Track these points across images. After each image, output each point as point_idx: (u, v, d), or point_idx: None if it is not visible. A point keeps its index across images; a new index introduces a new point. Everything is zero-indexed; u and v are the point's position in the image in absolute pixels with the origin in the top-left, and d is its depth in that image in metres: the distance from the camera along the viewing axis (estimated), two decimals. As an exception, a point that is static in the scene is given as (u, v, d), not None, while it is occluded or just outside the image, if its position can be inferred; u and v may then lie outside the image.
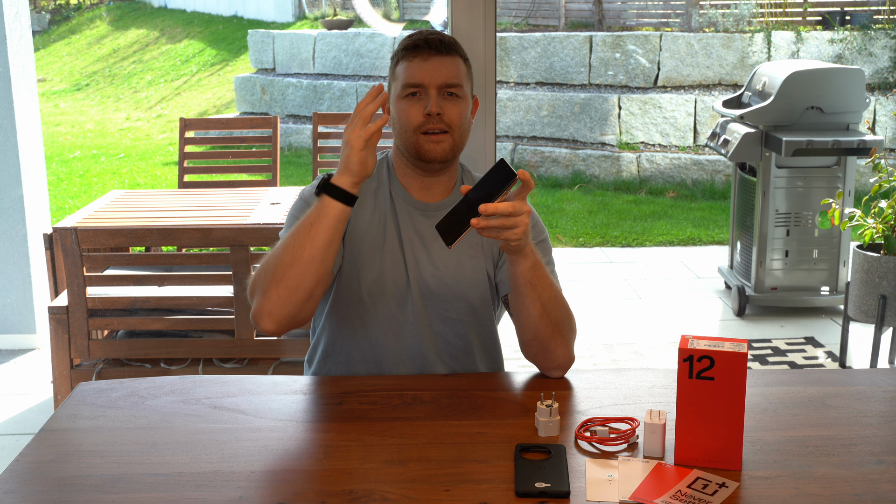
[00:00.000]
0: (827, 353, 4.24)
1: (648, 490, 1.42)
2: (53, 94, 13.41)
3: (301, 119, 9.76)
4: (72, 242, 3.06)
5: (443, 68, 1.84)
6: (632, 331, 4.64)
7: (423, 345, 1.91)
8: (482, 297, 1.92)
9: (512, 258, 1.71)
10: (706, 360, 1.45)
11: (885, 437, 1.59)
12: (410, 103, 1.84)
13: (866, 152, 4.38)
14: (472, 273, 1.90)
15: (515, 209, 1.58)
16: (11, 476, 1.49)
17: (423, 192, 1.92)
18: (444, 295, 1.89)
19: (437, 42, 1.86)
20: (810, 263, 4.69)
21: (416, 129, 1.84)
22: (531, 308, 1.75)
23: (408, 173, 1.92)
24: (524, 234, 1.62)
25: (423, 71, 1.84)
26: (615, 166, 7.88)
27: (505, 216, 1.57)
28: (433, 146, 1.84)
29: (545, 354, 1.81)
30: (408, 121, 1.84)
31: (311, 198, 1.83)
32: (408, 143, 1.86)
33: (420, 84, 1.84)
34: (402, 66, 1.86)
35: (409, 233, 1.90)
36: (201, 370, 3.23)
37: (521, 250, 1.67)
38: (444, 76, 1.84)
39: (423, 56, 1.84)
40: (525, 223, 1.61)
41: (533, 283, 1.73)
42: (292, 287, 1.70)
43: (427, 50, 1.85)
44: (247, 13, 14.42)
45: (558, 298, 1.79)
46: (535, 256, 1.72)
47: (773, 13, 8.66)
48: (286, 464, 1.52)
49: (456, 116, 1.85)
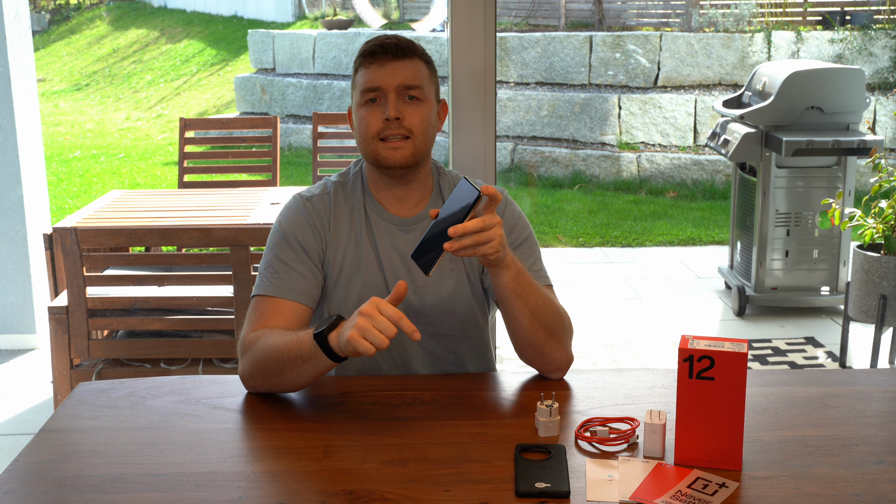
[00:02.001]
0: (827, 353, 4.24)
1: (648, 490, 1.42)
2: (53, 94, 13.41)
3: (301, 119, 9.76)
4: (72, 242, 3.06)
5: (401, 71, 1.80)
6: (632, 331, 4.64)
7: (412, 361, 1.89)
8: (468, 308, 1.89)
9: (493, 271, 1.68)
10: (706, 360, 1.45)
11: (885, 437, 1.59)
12: (369, 110, 1.80)
13: (866, 152, 4.39)
14: (455, 286, 1.87)
15: (485, 224, 1.56)
16: (11, 476, 1.49)
17: (398, 206, 1.88)
18: (428, 311, 1.87)
19: (394, 46, 1.81)
20: (810, 263, 4.69)
21: (374, 136, 1.80)
22: (520, 316, 1.73)
23: (380, 186, 1.88)
24: (500, 246, 1.60)
25: (380, 75, 1.79)
26: (615, 166, 7.88)
27: (476, 233, 1.55)
28: (391, 153, 1.80)
29: (542, 358, 1.81)
30: (367, 128, 1.80)
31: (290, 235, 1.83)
32: (368, 150, 1.82)
33: (377, 88, 1.79)
34: (360, 73, 1.82)
35: (387, 251, 1.86)
36: (201, 370, 3.23)
37: (501, 262, 1.65)
38: (402, 78, 1.80)
39: (380, 61, 1.80)
40: (499, 235, 1.58)
41: (518, 292, 1.70)
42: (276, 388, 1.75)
43: (383, 55, 1.80)
44: (247, 13, 14.42)
45: (547, 303, 1.76)
46: (516, 265, 1.69)
47: (773, 13, 8.66)
48: (286, 464, 1.52)
49: (417, 121, 1.81)
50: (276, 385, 1.74)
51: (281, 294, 1.80)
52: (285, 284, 1.81)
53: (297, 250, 1.83)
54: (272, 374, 1.71)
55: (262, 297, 1.81)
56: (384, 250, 1.87)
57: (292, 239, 1.84)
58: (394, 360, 1.90)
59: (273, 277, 1.82)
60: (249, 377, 1.75)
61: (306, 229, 1.85)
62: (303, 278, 1.82)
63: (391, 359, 1.89)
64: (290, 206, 1.89)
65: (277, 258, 1.83)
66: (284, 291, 1.80)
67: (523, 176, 8.10)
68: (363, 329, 1.53)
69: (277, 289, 1.81)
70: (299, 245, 1.84)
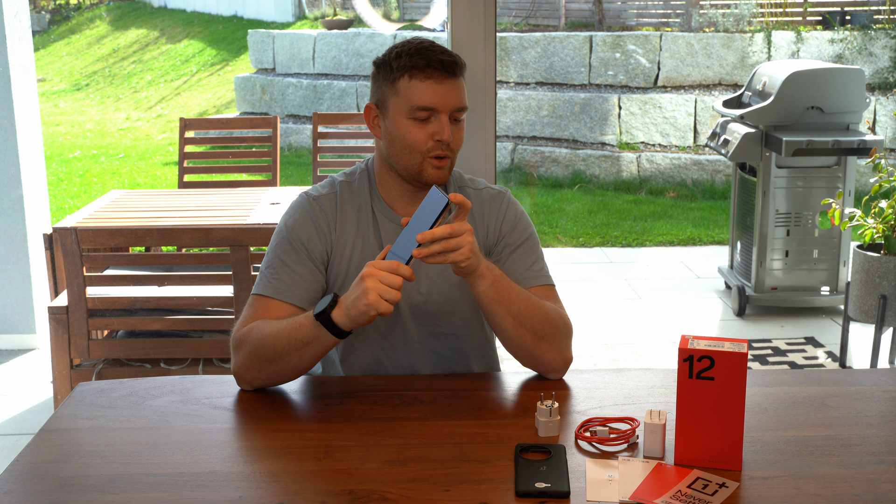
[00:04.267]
0: (827, 353, 4.24)
1: (648, 490, 1.42)
2: (53, 94, 13.41)
3: (301, 119, 9.76)
4: (72, 242, 3.06)
5: (455, 92, 1.78)
6: (632, 331, 4.64)
7: (416, 362, 1.89)
8: (472, 308, 1.89)
9: (468, 280, 1.68)
10: (706, 360, 1.45)
11: (885, 437, 1.59)
12: (419, 126, 1.78)
13: (866, 152, 4.38)
14: (460, 285, 1.87)
15: (454, 231, 1.57)
16: (11, 476, 1.49)
17: (408, 208, 1.87)
18: (433, 311, 1.87)
19: (452, 64, 1.78)
20: (810, 263, 4.69)
21: (423, 153, 1.79)
22: (502, 323, 1.73)
23: (395, 190, 1.87)
24: (471, 253, 1.60)
25: (437, 95, 1.76)
26: (615, 166, 7.88)
27: (444, 239, 1.56)
28: (437, 171, 1.80)
29: (534, 361, 1.81)
30: (415, 143, 1.78)
31: (294, 236, 1.83)
32: (410, 164, 1.80)
33: (433, 108, 1.77)
34: (412, 85, 1.77)
35: None
36: (201, 370, 3.23)
37: (474, 271, 1.65)
38: (456, 101, 1.79)
39: (437, 78, 1.76)
40: (468, 242, 1.59)
41: (497, 299, 1.70)
42: (273, 377, 1.76)
43: (442, 72, 1.76)
44: (247, 13, 14.42)
45: (532, 306, 1.75)
46: (493, 273, 1.69)
47: (773, 13, 8.66)
48: (286, 464, 1.52)
49: (460, 141, 1.82)
50: (273, 374, 1.74)
51: (278, 295, 1.80)
52: (284, 286, 1.81)
53: (299, 252, 1.83)
54: (270, 362, 1.71)
55: (260, 297, 1.81)
56: None
57: (296, 240, 1.84)
58: (399, 361, 1.89)
59: (273, 278, 1.82)
60: (245, 370, 1.75)
61: (311, 230, 1.84)
62: (303, 280, 1.82)
63: (396, 359, 1.89)
64: (296, 205, 1.88)
65: (279, 259, 1.83)
66: (282, 293, 1.80)
67: (523, 176, 8.10)
68: (378, 290, 1.56)
69: (276, 290, 1.80)
70: (303, 246, 1.83)
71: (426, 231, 1.56)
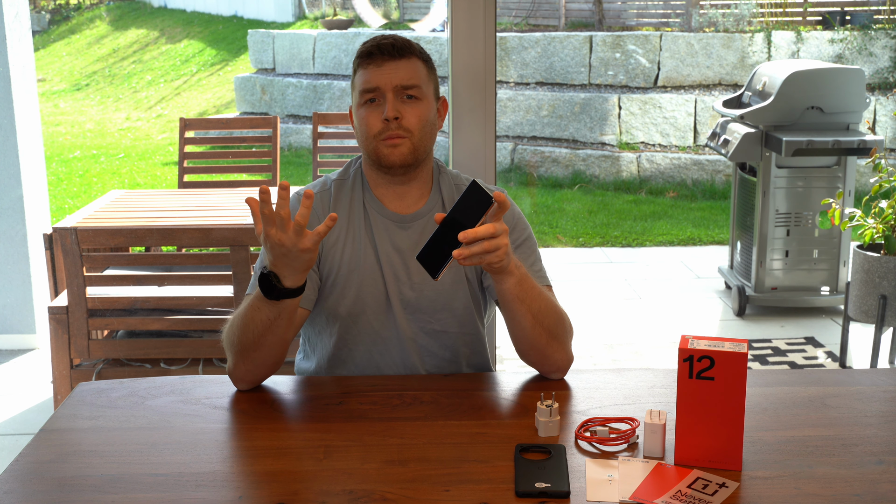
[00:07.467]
0: (827, 353, 4.24)
1: (648, 490, 1.42)
2: (53, 94, 13.41)
3: (301, 119, 9.76)
4: (72, 242, 3.06)
5: (398, 71, 1.81)
6: (632, 331, 4.64)
7: (409, 358, 1.89)
8: (465, 306, 1.89)
9: (496, 277, 1.67)
10: (706, 360, 1.45)
11: (885, 437, 1.59)
12: (369, 110, 1.82)
13: (866, 152, 4.39)
14: (452, 282, 1.87)
15: (497, 230, 1.54)
16: (11, 476, 1.49)
17: (398, 203, 1.89)
18: (426, 308, 1.87)
19: (390, 46, 1.83)
20: (810, 263, 4.69)
21: (375, 136, 1.82)
22: (522, 321, 1.73)
23: (380, 183, 1.89)
24: (505, 255, 1.59)
25: (377, 75, 1.81)
26: (615, 166, 7.88)
27: (486, 239, 1.53)
28: (391, 151, 1.81)
29: (544, 360, 1.81)
30: (367, 128, 1.82)
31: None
32: (369, 150, 1.84)
33: (376, 88, 1.81)
34: (359, 74, 1.84)
35: (385, 247, 1.87)
36: (201, 370, 3.23)
37: (505, 269, 1.64)
38: (399, 78, 1.81)
39: (378, 61, 1.82)
40: (505, 244, 1.57)
41: (521, 297, 1.70)
42: (259, 363, 1.75)
43: (380, 55, 1.82)
44: (247, 13, 14.42)
45: (549, 306, 1.76)
46: (520, 271, 1.68)
47: (773, 13, 8.66)
48: (286, 464, 1.52)
49: (415, 120, 1.82)
50: (261, 362, 1.74)
51: None
52: None
53: None
54: (252, 350, 1.72)
55: None
56: (382, 247, 1.87)
57: None
58: (392, 358, 1.90)
59: None
60: (235, 367, 1.76)
61: None
62: None
63: (389, 357, 1.90)
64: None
65: None
66: None
67: (523, 176, 8.10)
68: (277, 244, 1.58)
69: None
70: None
71: (469, 230, 1.51)
